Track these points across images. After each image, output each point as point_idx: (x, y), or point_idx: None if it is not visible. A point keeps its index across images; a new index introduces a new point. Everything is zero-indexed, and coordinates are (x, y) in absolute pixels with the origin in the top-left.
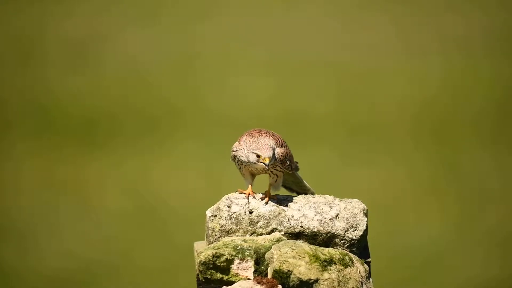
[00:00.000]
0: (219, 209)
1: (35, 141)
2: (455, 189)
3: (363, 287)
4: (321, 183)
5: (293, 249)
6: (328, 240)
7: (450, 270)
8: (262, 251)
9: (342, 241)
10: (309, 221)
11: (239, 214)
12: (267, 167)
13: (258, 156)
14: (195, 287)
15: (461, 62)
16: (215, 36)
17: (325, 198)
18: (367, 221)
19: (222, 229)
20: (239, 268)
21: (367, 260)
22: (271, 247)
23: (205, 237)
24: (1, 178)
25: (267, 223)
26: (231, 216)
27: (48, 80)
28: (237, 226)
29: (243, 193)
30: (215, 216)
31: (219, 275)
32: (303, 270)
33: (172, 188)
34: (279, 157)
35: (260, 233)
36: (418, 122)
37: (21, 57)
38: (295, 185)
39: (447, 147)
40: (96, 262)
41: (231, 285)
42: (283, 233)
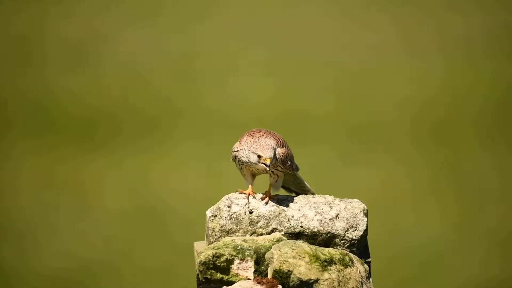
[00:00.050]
0: (219, 209)
1: (35, 141)
2: (455, 189)
3: (363, 287)
4: (321, 183)
5: (293, 249)
6: (328, 240)
7: (450, 270)
8: (262, 251)
9: (342, 241)
10: (309, 221)
11: (239, 214)
12: (268, 167)
13: (259, 156)
14: (195, 287)
15: (461, 62)
16: (215, 36)
17: (325, 198)
18: (367, 221)
19: (222, 229)
20: (239, 268)
21: (367, 260)
22: (271, 247)
23: (205, 237)
24: (1, 178)
25: (267, 223)
26: (231, 216)
27: (48, 80)
28: (237, 226)
29: (243, 193)
30: (215, 216)
31: (219, 275)
32: (303, 270)
33: (172, 188)
34: (280, 157)
35: (260, 233)
36: (418, 122)
37: (21, 57)
38: (294, 186)
39: (447, 147)
40: (96, 262)
41: (231, 285)
42: (283, 233)
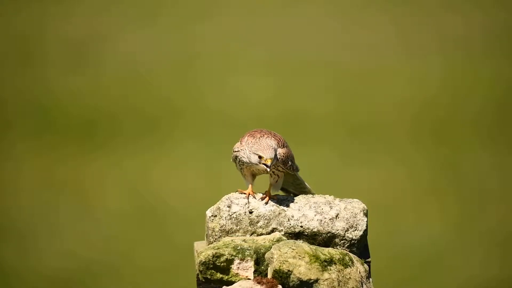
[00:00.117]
0: (219, 209)
1: (35, 141)
2: (455, 189)
3: (363, 287)
4: (321, 183)
5: (293, 249)
6: (328, 240)
7: (450, 270)
8: (262, 251)
9: (342, 241)
10: (309, 221)
11: (239, 214)
12: (269, 168)
13: (259, 157)
14: (195, 287)
15: (461, 62)
16: (215, 36)
17: (325, 198)
18: (367, 221)
19: (222, 229)
20: (239, 268)
21: (367, 260)
22: (271, 247)
23: (205, 237)
24: (1, 178)
25: (267, 223)
26: (231, 216)
27: (48, 80)
28: (237, 226)
29: (243, 193)
30: (215, 216)
31: (219, 275)
32: (303, 270)
33: (172, 188)
34: (281, 157)
35: (260, 233)
36: (418, 122)
37: (21, 57)
38: (293, 187)
39: (447, 147)
40: (96, 262)
41: (231, 285)
42: (283, 233)
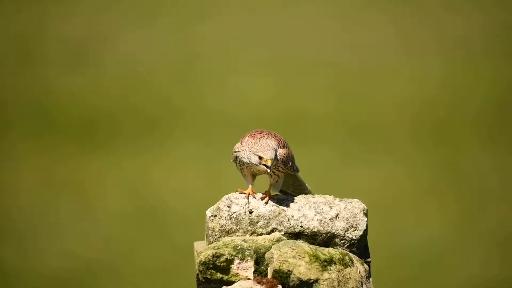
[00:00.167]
0: (219, 209)
1: (35, 141)
2: (455, 189)
3: (363, 287)
4: (321, 183)
5: (293, 249)
6: (328, 240)
7: (450, 270)
8: (262, 251)
9: (342, 241)
10: (309, 221)
11: (239, 214)
12: (269, 169)
13: (260, 158)
14: (195, 287)
15: (461, 62)
16: (215, 36)
17: (325, 198)
18: (367, 221)
19: (222, 229)
20: (239, 268)
21: (367, 260)
22: (271, 247)
23: (205, 237)
24: (1, 178)
25: (267, 223)
26: (231, 216)
27: (48, 80)
28: (237, 226)
29: (243, 193)
30: (215, 216)
31: (219, 275)
32: (303, 270)
33: (172, 188)
34: (281, 158)
35: (260, 233)
36: (418, 122)
37: (21, 57)
38: (292, 188)
39: (447, 147)
40: (96, 262)
41: (231, 285)
42: (283, 233)
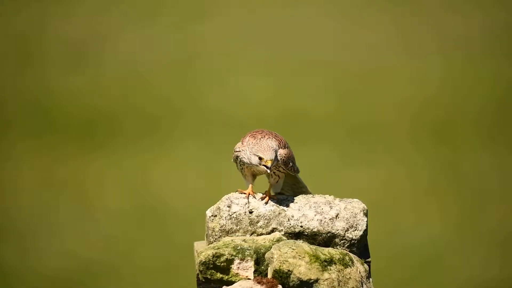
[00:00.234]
0: (219, 209)
1: (35, 141)
2: (455, 189)
3: (363, 287)
4: (321, 183)
5: (293, 249)
6: (328, 240)
7: (450, 270)
8: (262, 251)
9: (342, 241)
10: (309, 221)
11: (239, 214)
12: (269, 170)
13: (260, 158)
14: (195, 287)
15: (461, 62)
16: (215, 36)
17: (325, 198)
18: (367, 221)
19: (222, 229)
20: (239, 268)
21: (367, 260)
22: (271, 247)
23: (205, 237)
24: (1, 178)
25: (267, 223)
26: (231, 216)
27: (48, 80)
28: (237, 226)
29: (243, 193)
30: (215, 216)
31: (219, 275)
32: (303, 270)
33: (172, 188)
34: (282, 158)
35: (260, 233)
36: (418, 122)
37: (21, 57)
38: (292, 190)
39: (447, 147)
40: (96, 262)
41: (231, 285)
42: (283, 233)
